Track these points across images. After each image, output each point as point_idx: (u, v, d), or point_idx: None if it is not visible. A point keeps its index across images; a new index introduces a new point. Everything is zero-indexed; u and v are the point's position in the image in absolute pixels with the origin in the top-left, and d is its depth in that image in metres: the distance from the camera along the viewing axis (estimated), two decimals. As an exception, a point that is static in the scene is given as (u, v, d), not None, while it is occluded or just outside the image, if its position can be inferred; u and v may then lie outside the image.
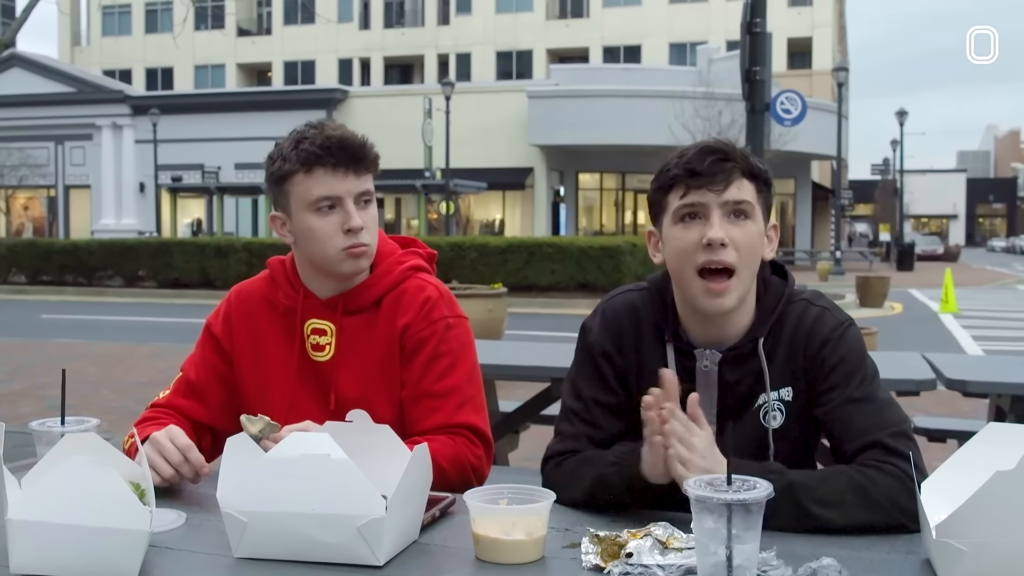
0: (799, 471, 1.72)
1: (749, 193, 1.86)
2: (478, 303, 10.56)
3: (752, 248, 1.85)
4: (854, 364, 1.87)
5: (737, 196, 1.84)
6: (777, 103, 14.51)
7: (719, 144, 1.88)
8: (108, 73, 50.68)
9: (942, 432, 4.59)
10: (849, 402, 1.83)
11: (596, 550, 1.51)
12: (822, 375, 1.86)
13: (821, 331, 1.89)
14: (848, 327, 1.91)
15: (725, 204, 1.83)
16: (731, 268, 1.82)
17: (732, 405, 1.90)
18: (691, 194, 1.83)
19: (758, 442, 1.88)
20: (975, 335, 14.82)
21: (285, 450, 1.55)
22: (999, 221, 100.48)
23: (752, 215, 1.86)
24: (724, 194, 1.83)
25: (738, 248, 1.82)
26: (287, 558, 1.54)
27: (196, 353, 2.28)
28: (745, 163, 1.86)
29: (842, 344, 1.88)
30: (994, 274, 37.34)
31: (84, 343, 13.02)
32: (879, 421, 1.80)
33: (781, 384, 1.89)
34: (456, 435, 2.08)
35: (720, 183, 1.83)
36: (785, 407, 1.89)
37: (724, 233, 1.81)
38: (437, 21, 52.12)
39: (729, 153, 1.85)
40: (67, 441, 1.58)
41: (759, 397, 1.89)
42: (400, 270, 2.21)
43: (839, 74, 31.69)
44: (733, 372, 1.89)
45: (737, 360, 1.89)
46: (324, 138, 2.07)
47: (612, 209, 42.63)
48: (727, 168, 1.83)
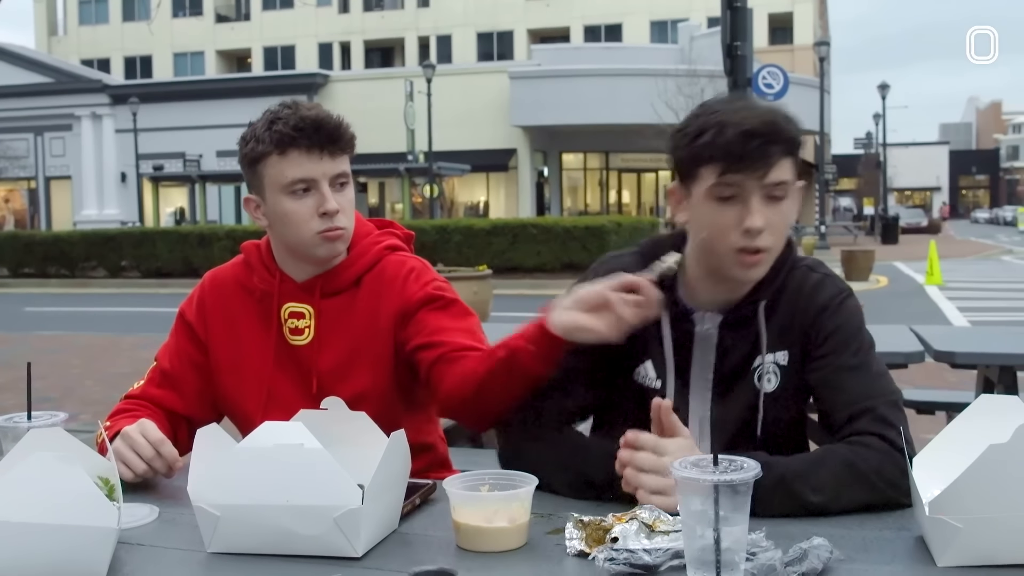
0: (787, 459, 1.67)
1: (788, 170, 1.79)
2: (464, 285, 10.53)
3: (787, 226, 1.83)
4: (850, 333, 1.85)
5: (777, 178, 1.77)
6: (759, 78, 14.50)
7: (764, 124, 1.76)
8: (86, 62, 50.28)
9: (930, 404, 4.58)
10: (843, 369, 1.81)
11: (581, 535, 1.47)
12: (818, 341, 1.84)
13: (820, 297, 1.87)
14: (847, 296, 1.89)
15: (765, 187, 1.77)
16: (768, 249, 1.80)
17: (728, 371, 1.88)
18: (729, 175, 1.76)
19: (749, 409, 1.86)
20: (961, 307, 14.87)
21: (257, 440, 1.50)
22: (982, 192, 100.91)
23: (789, 193, 1.80)
24: (766, 178, 1.76)
25: (774, 230, 1.79)
26: (262, 552, 1.50)
27: (170, 342, 2.23)
28: (789, 141, 1.78)
29: (840, 312, 1.86)
30: (978, 245, 37.52)
31: (67, 335, 12.94)
32: (871, 390, 1.78)
33: (778, 347, 1.87)
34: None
35: (761, 168, 1.75)
36: (780, 371, 1.87)
37: (763, 220, 1.77)
38: (417, 3, 51.90)
39: (773, 135, 1.76)
40: (32, 436, 1.53)
41: (755, 360, 1.87)
42: (377, 249, 2.16)
43: (820, 49, 31.68)
44: (731, 336, 1.87)
45: (736, 323, 1.87)
46: (298, 119, 2.01)
47: (596, 189, 42.61)
48: (771, 152, 1.75)
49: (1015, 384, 3.97)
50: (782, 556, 1.34)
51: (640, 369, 1.92)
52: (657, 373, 1.91)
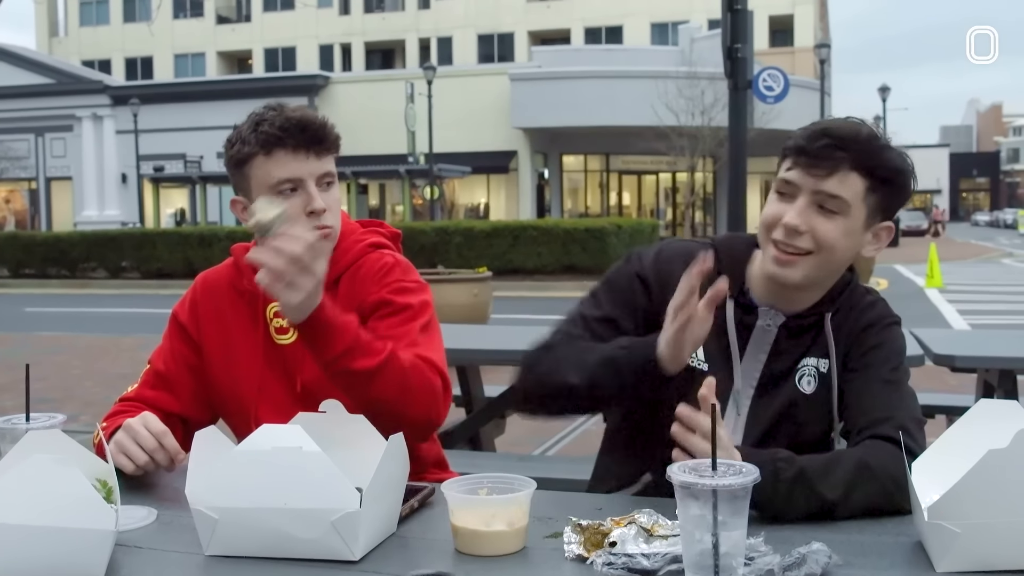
0: (806, 456, 1.68)
1: (852, 189, 1.78)
2: (464, 287, 10.49)
3: (834, 243, 1.81)
4: (891, 351, 1.89)
5: (833, 190, 1.77)
6: (760, 80, 14.47)
7: (841, 128, 1.78)
8: (87, 63, 50.27)
9: (930, 408, 4.56)
10: (876, 381, 1.85)
11: (579, 539, 1.47)
12: (859, 352, 1.89)
13: (870, 315, 1.93)
14: (896, 323, 1.96)
15: (818, 193, 1.78)
16: (807, 252, 1.81)
17: (777, 370, 1.91)
18: (793, 171, 1.80)
19: (785, 407, 1.89)
20: (961, 310, 14.85)
21: (256, 443, 1.50)
22: (983, 195, 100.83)
23: (846, 212, 1.79)
24: (822, 183, 1.77)
25: (816, 238, 1.80)
26: (260, 555, 1.49)
27: (164, 344, 2.23)
28: (862, 156, 1.77)
29: (885, 332, 1.92)
30: (979, 248, 37.48)
31: (68, 335, 12.93)
32: (898, 404, 1.82)
33: (822, 355, 1.91)
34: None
35: (822, 170, 1.77)
36: (819, 377, 1.91)
37: (802, 221, 1.78)
38: (418, 5, 51.89)
39: (843, 142, 1.76)
40: (30, 438, 1.52)
41: (800, 361, 1.91)
42: (359, 248, 2.17)
43: (821, 51, 31.64)
44: (788, 340, 1.91)
45: (798, 331, 1.91)
46: (284, 120, 2.03)
47: (597, 191, 42.57)
48: (834, 157, 1.76)
49: (1015, 388, 3.96)
50: (780, 560, 1.34)
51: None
52: (706, 356, 1.91)
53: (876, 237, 1.88)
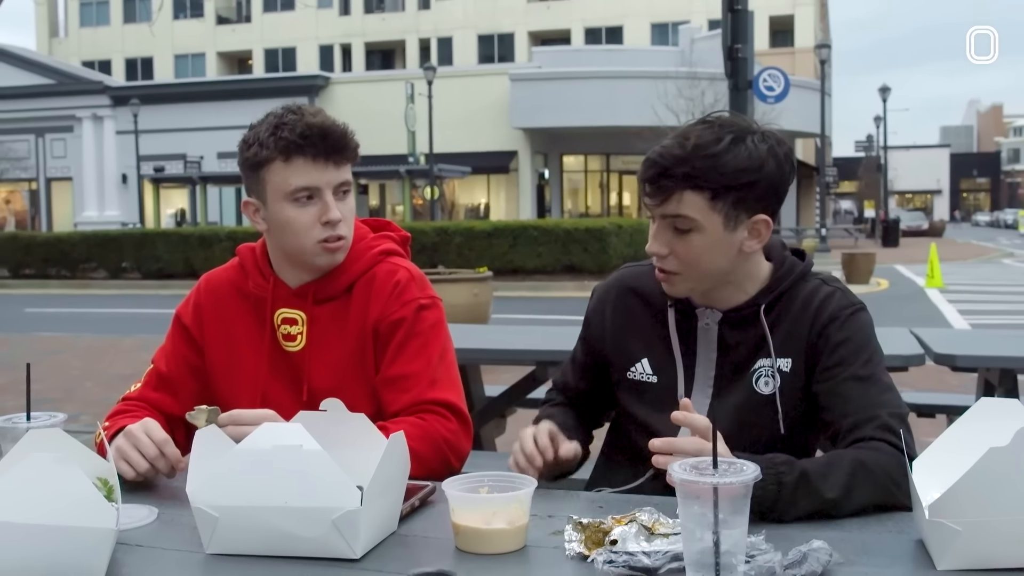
0: (805, 459, 1.68)
1: (693, 206, 1.78)
2: (464, 287, 10.48)
3: (697, 259, 1.83)
4: (859, 344, 1.85)
5: (675, 211, 1.80)
6: (760, 80, 14.49)
7: (665, 152, 1.78)
8: (87, 64, 50.28)
9: (931, 407, 4.57)
10: (851, 379, 1.82)
11: (580, 537, 1.47)
12: (826, 352, 1.85)
13: (829, 309, 1.88)
14: (858, 310, 1.90)
15: (664, 217, 1.82)
16: (675, 272, 1.86)
17: (729, 370, 1.91)
18: (644, 198, 1.85)
19: (742, 410, 1.88)
20: (961, 310, 14.85)
21: (257, 442, 1.50)
22: (983, 196, 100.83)
23: (698, 228, 1.80)
24: (663, 208, 1.81)
25: (679, 258, 1.84)
26: (261, 553, 1.49)
27: (167, 345, 2.22)
28: (689, 175, 1.76)
29: (849, 324, 1.87)
30: (979, 248, 37.47)
31: (68, 336, 12.93)
32: (879, 401, 1.79)
33: (781, 354, 1.88)
34: (427, 412, 2.01)
35: (656, 197, 1.81)
36: (780, 377, 1.88)
37: (660, 245, 1.85)
38: (418, 5, 51.89)
39: (667, 168, 1.77)
40: (31, 437, 1.52)
41: (756, 362, 1.90)
42: (371, 255, 2.15)
43: (821, 51, 31.63)
44: (733, 335, 1.91)
45: (738, 323, 1.90)
46: (304, 126, 1.98)
47: (597, 191, 42.58)
48: (663, 185, 1.79)
49: (1015, 387, 3.95)
50: (781, 559, 1.34)
51: (636, 367, 1.99)
52: (653, 368, 1.95)
53: (754, 232, 1.84)
